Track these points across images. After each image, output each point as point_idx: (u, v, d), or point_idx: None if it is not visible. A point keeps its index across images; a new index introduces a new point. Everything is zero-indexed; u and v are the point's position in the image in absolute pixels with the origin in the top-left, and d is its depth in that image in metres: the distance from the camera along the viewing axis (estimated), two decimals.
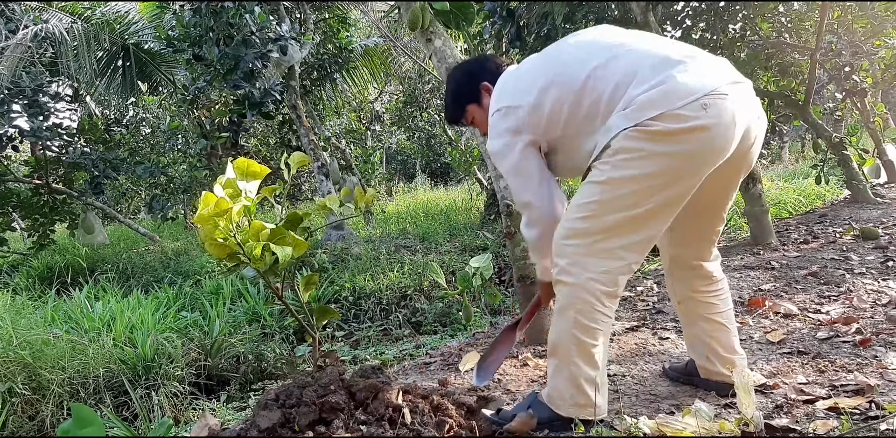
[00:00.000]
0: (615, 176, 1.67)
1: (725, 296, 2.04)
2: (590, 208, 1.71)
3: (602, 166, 1.70)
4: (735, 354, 2.02)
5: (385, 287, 5.10)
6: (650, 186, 1.66)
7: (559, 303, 1.80)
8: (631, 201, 1.67)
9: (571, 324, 1.76)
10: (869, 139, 7.56)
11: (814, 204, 7.15)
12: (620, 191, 1.67)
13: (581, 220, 1.73)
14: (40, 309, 4.56)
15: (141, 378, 3.46)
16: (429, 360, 2.97)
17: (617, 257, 1.73)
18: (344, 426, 1.72)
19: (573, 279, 1.74)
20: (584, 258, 1.73)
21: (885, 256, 3.86)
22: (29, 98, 7.28)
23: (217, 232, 1.71)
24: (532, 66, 1.91)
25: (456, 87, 2.17)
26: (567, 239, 1.76)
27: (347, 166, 10.05)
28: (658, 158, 1.63)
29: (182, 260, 7.70)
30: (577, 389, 1.79)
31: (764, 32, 5.98)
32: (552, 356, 1.85)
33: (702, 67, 1.67)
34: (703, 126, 1.60)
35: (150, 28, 10.18)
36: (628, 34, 1.84)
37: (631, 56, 1.72)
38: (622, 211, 1.68)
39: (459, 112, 2.16)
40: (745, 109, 1.68)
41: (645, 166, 1.64)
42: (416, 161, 17.14)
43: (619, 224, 1.70)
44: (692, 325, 2.06)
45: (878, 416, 1.71)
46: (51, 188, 8.32)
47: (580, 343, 1.76)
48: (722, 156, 1.67)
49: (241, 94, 6.05)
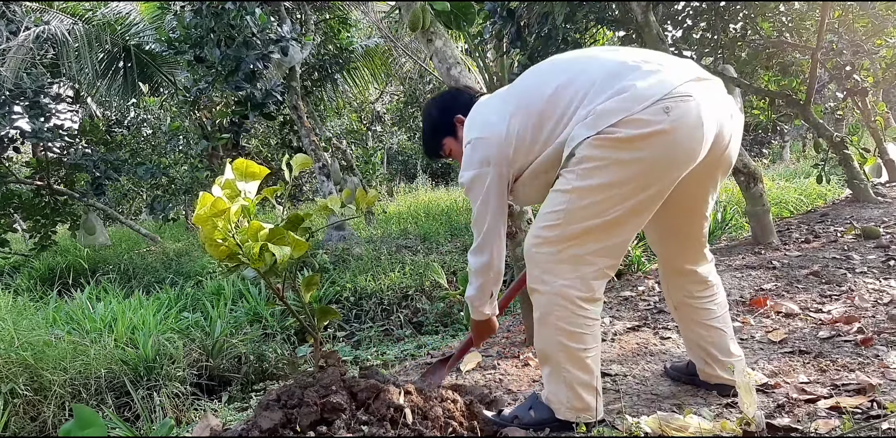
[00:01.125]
0: (580, 185, 1.66)
1: (721, 300, 2.04)
2: (556, 216, 1.71)
3: (568, 175, 1.69)
4: (732, 356, 2.02)
5: (386, 288, 5.10)
6: (616, 194, 1.64)
7: (538, 312, 1.80)
8: (597, 209, 1.66)
9: (554, 331, 1.76)
10: (870, 138, 7.55)
11: (815, 203, 7.15)
12: (586, 200, 1.66)
13: (549, 228, 1.73)
14: (42, 310, 4.56)
15: (142, 379, 3.46)
16: (430, 360, 2.97)
17: (588, 263, 1.73)
18: (345, 426, 1.72)
19: (547, 288, 1.75)
20: (555, 266, 1.73)
21: (886, 255, 3.86)
22: (30, 99, 7.29)
23: (216, 233, 1.71)
24: (500, 96, 1.93)
25: (431, 121, 2.19)
26: (537, 247, 1.77)
27: (349, 166, 10.05)
28: (623, 165, 1.61)
29: (183, 261, 7.71)
30: (572, 393, 1.80)
31: (765, 32, 5.97)
32: (543, 363, 1.86)
33: (660, 69, 1.64)
34: (664, 130, 1.57)
35: (151, 29, 10.20)
36: (590, 51, 1.86)
37: (590, 70, 1.71)
38: (589, 219, 1.68)
39: (437, 146, 2.17)
40: (714, 108, 1.64)
41: (610, 175, 1.62)
42: (416, 161, 17.15)
43: (588, 231, 1.69)
44: (689, 331, 2.06)
45: (879, 415, 1.70)
46: (52, 190, 8.33)
47: (567, 349, 1.76)
48: (692, 159, 1.64)
49: (243, 95, 6.06)
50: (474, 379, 2.50)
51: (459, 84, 2.85)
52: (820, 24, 5.09)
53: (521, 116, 1.79)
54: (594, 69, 1.71)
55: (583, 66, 1.75)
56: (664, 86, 1.59)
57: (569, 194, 1.69)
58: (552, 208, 1.73)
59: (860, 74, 6.26)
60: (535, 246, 1.78)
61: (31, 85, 7.24)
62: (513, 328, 3.42)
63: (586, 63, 1.76)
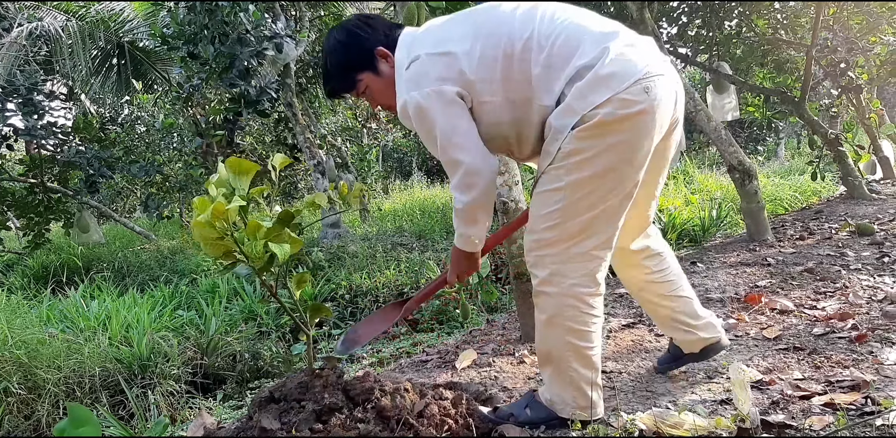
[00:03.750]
0: (573, 179, 1.65)
1: (677, 269, 2.08)
2: (554, 216, 1.69)
3: (556, 171, 1.67)
4: (704, 317, 2.08)
5: (381, 285, 5.09)
6: (608, 181, 1.65)
7: (545, 314, 1.77)
8: (592, 200, 1.66)
9: (564, 332, 1.74)
10: (864, 135, 7.58)
11: (810, 200, 7.17)
12: (580, 193, 1.65)
13: (548, 230, 1.70)
14: (36, 308, 4.54)
15: (137, 377, 3.45)
16: (426, 358, 2.97)
17: (592, 258, 1.72)
18: (341, 424, 1.72)
19: (557, 289, 1.73)
20: (562, 266, 1.72)
21: (880, 252, 3.87)
22: (23, 97, 7.24)
23: (213, 231, 1.71)
24: (456, 20, 1.76)
25: (343, 55, 1.86)
26: (540, 250, 1.74)
27: (344, 163, 10.03)
28: (610, 152, 1.62)
29: (178, 259, 7.68)
30: (578, 392, 1.79)
31: (760, 29, 5.98)
32: (546, 364, 1.84)
33: (634, 46, 1.65)
34: (645, 110, 1.59)
35: (144, 26, 10.16)
36: (563, 6, 1.75)
37: (572, 27, 1.66)
38: (586, 212, 1.67)
39: (350, 83, 1.88)
40: (677, 84, 1.71)
41: (600, 163, 1.62)
42: (412, 159, 17.12)
43: (587, 226, 1.68)
44: (660, 307, 2.08)
45: (873, 412, 1.71)
46: (46, 187, 8.28)
47: (576, 349, 1.75)
48: (661, 134, 1.70)
49: (237, 92, 6.03)
50: (470, 376, 2.50)
51: None
52: (815, 21, 5.10)
53: (493, 42, 1.65)
54: (577, 28, 1.66)
55: (567, 20, 1.68)
56: (644, 65, 1.60)
57: (562, 191, 1.67)
58: (548, 208, 1.70)
59: (855, 71, 6.28)
60: (538, 249, 1.74)
61: (24, 82, 7.19)
62: (508, 325, 3.42)
63: (570, 19, 1.68)
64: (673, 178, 8.42)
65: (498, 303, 4.52)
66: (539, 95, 1.65)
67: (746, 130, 13.93)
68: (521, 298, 2.86)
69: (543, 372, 1.87)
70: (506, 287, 4.85)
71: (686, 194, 7.08)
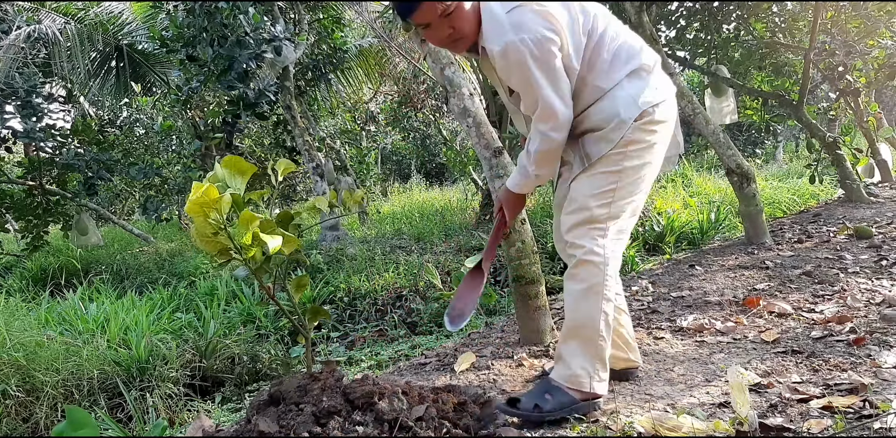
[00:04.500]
0: (629, 165, 1.89)
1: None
2: (608, 195, 1.90)
3: (616, 157, 1.88)
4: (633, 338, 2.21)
5: (380, 288, 5.09)
6: (650, 172, 1.94)
7: (585, 283, 1.90)
8: (639, 186, 1.93)
9: (601, 300, 1.89)
10: (862, 139, 7.59)
11: (808, 203, 7.18)
12: (632, 177, 1.91)
13: (601, 207, 1.90)
14: (34, 311, 4.53)
15: (135, 380, 3.44)
16: (424, 361, 2.97)
17: (625, 236, 1.98)
18: (339, 427, 1.72)
19: (601, 259, 1.89)
20: (608, 241, 1.91)
21: (878, 255, 3.88)
22: (22, 99, 7.24)
23: (208, 227, 1.70)
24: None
25: None
26: (590, 224, 1.91)
27: (342, 166, 10.04)
28: (656, 147, 1.93)
29: (176, 261, 7.67)
30: (601, 363, 1.92)
31: (758, 32, 6.00)
32: (573, 337, 1.93)
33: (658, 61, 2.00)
34: (669, 120, 1.96)
35: (143, 28, 10.16)
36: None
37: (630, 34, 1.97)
38: (631, 196, 1.92)
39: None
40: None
41: (649, 155, 1.91)
42: (411, 161, 17.12)
43: (628, 207, 1.93)
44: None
45: (871, 415, 1.71)
46: (44, 190, 8.27)
47: (607, 319, 1.91)
48: None
49: (236, 94, 6.03)
50: (468, 379, 2.50)
51: (454, 84, 2.85)
52: (813, 24, 5.12)
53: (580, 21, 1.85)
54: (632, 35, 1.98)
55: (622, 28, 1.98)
56: (671, 84, 2.00)
57: (619, 174, 1.90)
58: (603, 188, 1.89)
59: (853, 74, 6.30)
60: (588, 223, 1.91)
61: (22, 84, 7.19)
62: (507, 328, 3.42)
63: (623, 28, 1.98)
64: (671, 181, 8.44)
65: (497, 306, 4.52)
66: (598, 76, 1.88)
67: (745, 133, 13.93)
68: (519, 301, 2.86)
69: (566, 348, 1.94)
70: (504, 290, 4.85)
71: (684, 196, 7.09)
